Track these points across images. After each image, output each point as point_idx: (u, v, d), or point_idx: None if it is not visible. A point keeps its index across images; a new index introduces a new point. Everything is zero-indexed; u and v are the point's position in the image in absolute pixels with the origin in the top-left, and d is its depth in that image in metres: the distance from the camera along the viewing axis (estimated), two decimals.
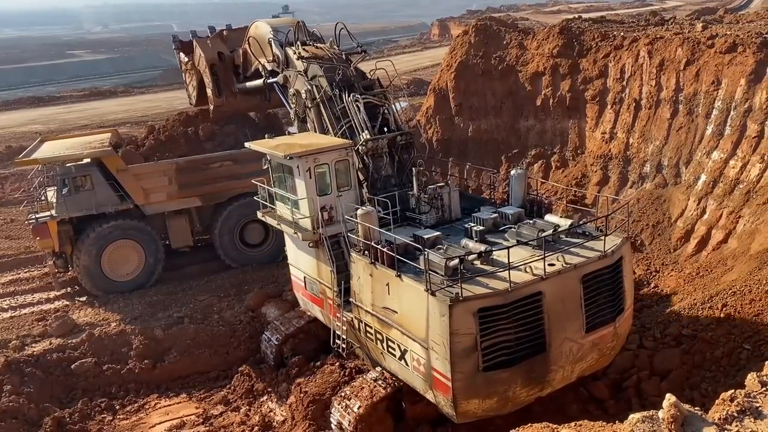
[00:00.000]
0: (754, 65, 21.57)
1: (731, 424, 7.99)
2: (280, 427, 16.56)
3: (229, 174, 25.54)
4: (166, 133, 28.00)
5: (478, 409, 12.98)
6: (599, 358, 14.27)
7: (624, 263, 13.88)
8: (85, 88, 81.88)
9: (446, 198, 16.10)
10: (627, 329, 15.03)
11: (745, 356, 15.68)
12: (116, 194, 24.10)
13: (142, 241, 24.60)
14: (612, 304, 13.84)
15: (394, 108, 17.25)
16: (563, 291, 12.89)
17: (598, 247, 13.59)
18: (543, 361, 12.99)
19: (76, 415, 18.21)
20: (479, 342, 12.13)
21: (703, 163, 22.69)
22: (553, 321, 12.81)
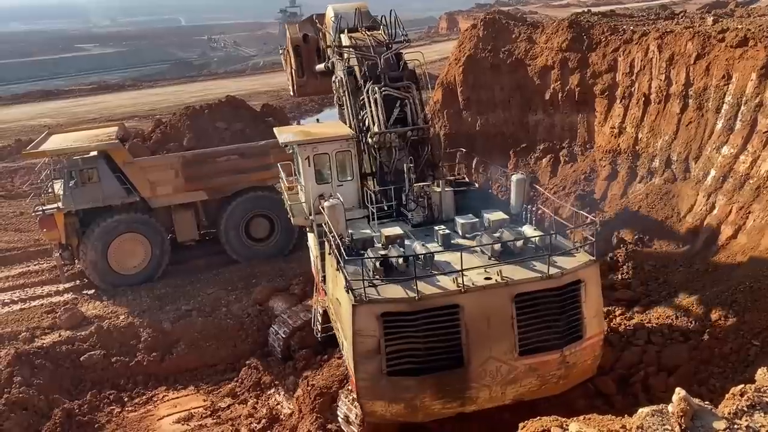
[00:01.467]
0: (766, 59, 21.36)
1: (741, 419, 7.96)
2: (287, 420, 16.62)
3: (235, 168, 25.63)
4: (172, 126, 28.07)
5: (385, 412, 12.52)
6: (543, 385, 12.98)
7: (585, 287, 12.52)
8: (94, 82, 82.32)
9: (435, 197, 15.46)
10: (590, 359, 13.31)
11: (754, 352, 15.62)
12: (123, 187, 24.21)
13: (148, 235, 24.68)
14: (560, 330, 12.57)
15: (415, 101, 16.76)
16: (489, 308, 12.03)
17: (562, 265, 12.60)
18: (460, 377, 12.24)
19: (85, 406, 18.38)
20: (383, 346, 11.81)
21: (713, 159, 22.54)
22: (474, 337, 12.00)
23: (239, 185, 25.82)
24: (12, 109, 63.97)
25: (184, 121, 29.24)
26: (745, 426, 7.77)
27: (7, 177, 41.28)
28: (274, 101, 58.69)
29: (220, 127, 30.67)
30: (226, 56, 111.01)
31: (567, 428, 8.56)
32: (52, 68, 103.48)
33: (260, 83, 70.93)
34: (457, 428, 15.03)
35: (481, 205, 15.65)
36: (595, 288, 12.83)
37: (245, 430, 16.85)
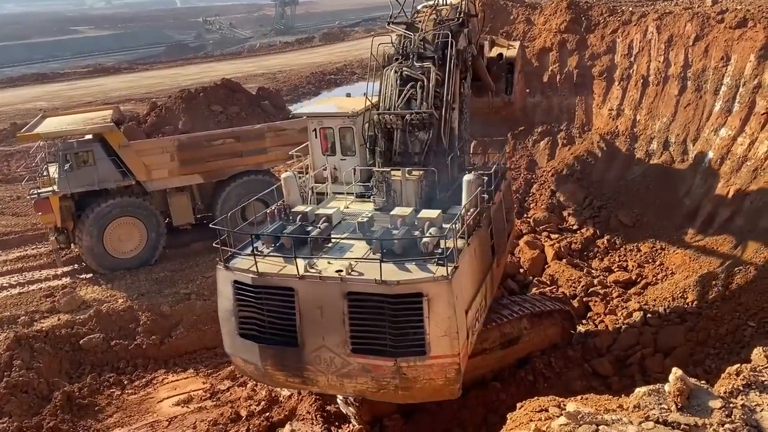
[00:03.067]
0: (765, 41, 21.31)
1: (737, 398, 8.05)
2: (287, 401, 16.74)
3: (231, 151, 25.51)
4: (167, 109, 27.93)
5: (244, 368, 13.36)
6: (380, 390, 12.40)
7: (428, 303, 11.45)
8: (89, 65, 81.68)
9: (396, 185, 15.07)
10: (440, 380, 12.09)
11: (749, 333, 15.75)
12: (118, 170, 24.07)
13: (143, 218, 24.62)
14: (393, 339, 11.77)
15: (428, 84, 16.31)
16: (322, 299, 11.99)
17: (412, 275, 11.78)
18: (297, 356, 12.41)
19: (85, 389, 18.46)
20: (236, 309, 12.80)
21: (711, 141, 22.55)
22: (308, 323, 12.11)
23: (235, 169, 25.73)
24: (7, 93, 63.54)
25: (180, 104, 29.05)
26: (741, 404, 7.86)
27: (3, 161, 41.10)
28: (270, 83, 58.46)
29: (216, 110, 30.49)
30: (221, 38, 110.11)
31: (564, 408, 8.64)
32: (48, 51, 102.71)
33: (256, 65, 70.52)
34: (455, 408, 15.23)
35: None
36: (444, 307, 11.57)
37: (245, 412, 16.94)
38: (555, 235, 23.81)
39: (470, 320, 12.48)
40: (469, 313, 12.37)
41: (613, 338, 17.50)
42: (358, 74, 62.50)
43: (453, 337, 11.64)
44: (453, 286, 11.45)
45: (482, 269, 13.81)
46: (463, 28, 16.96)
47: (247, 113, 29.46)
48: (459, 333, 11.66)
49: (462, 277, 12.05)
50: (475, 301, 12.93)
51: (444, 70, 15.93)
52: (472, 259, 12.91)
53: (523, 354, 16.81)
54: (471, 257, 12.85)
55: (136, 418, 17.56)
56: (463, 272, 12.16)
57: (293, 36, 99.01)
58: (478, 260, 13.46)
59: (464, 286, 12.24)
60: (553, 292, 20.13)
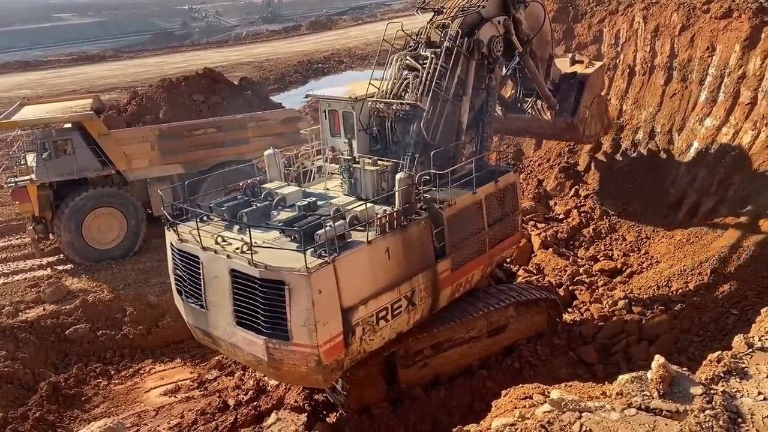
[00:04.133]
0: (749, 31, 21.46)
1: (717, 384, 8.18)
2: (275, 391, 16.77)
3: (212, 141, 25.25)
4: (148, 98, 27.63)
5: (186, 319, 14.38)
6: (259, 365, 13.17)
7: (290, 292, 11.76)
8: (73, 53, 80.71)
9: (358, 174, 15.32)
10: (304, 368, 12.47)
11: (732, 321, 15.96)
12: (98, 159, 23.76)
13: (122, 208, 24.31)
14: (265, 319, 12.25)
15: (423, 74, 16.15)
16: (217, 270, 12.81)
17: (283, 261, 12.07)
18: (205, 318, 13.53)
19: (71, 380, 18.38)
20: (173, 266, 14.21)
21: (696, 130, 22.73)
22: (210, 290, 13.11)
23: (216, 159, 25.51)
24: None
25: (160, 93, 28.69)
26: (722, 391, 7.98)
27: None
28: (257, 72, 58.09)
29: (197, 100, 30.15)
30: (207, 26, 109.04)
31: (548, 395, 8.74)
32: (31, 38, 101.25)
33: (243, 54, 70.00)
34: (442, 394, 15.35)
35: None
36: (303, 299, 11.91)
37: (232, 401, 16.96)
38: (541, 224, 23.95)
39: (363, 316, 12.75)
40: (360, 309, 12.63)
41: (598, 326, 17.67)
42: (345, 63, 62.23)
43: (311, 329, 11.91)
44: (313, 280, 11.68)
45: (405, 269, 13.71)
46: (492, 16, 16.71)
47: (229, 103, 29.19)
48: (320, 326, 11.92)
49: (346, 272, 12.27)
50: (381, 299, 13.11)
51: (450, 60, 15.73)
52: (377, 257, 13.02)
53: (510, 342, 16.93)
54: (375, 254, 12.96)
55: (123, 408, 17.54)
56: (350, 268, 12.37)
57: (280, 24, 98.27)
58: (397, 260, 13.45)
59: (350, 281, 12.42)
60: (539, 280, 20.27)
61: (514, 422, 7.95)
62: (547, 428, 7.65)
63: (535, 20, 18.71)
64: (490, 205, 15.93)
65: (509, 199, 16.63)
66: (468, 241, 15.40)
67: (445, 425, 14.42)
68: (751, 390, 8.13)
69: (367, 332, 13.12)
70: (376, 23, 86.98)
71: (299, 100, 48.02)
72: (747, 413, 7.77)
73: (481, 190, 15.56)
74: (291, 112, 28.56)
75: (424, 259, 14.27)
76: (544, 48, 20.04)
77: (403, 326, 14.14)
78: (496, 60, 16.95)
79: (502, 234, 16.53)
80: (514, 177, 16.83)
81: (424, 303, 14.47)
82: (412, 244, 14.00)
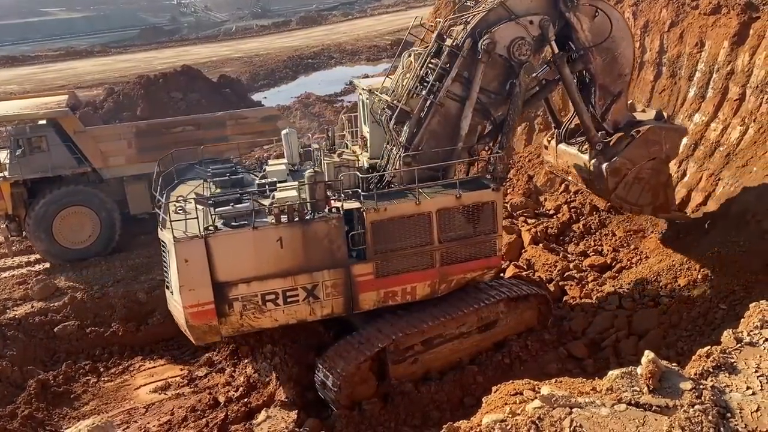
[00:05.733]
0: (738, 27, 21.54)
1: (707, 379, 8.23)
2: (265, 388, 16.74)
3: (191, 139, 24.92)
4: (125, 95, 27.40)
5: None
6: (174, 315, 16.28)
7: (170, 254, 14.45)
8: (61, 48, 79.93)
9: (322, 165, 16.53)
10: (179, 317, 15.08)
11: (721, 316, 16.06)
12: (73, 157, 23.44)
13: (95, 207, 23.84)
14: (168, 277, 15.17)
15: (412, 76, 15.68)
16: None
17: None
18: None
19: (60, 377, 18.27)
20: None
21: (685, 126, 22.80)
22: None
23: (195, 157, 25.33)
24: None
25: (138, 90, 28.54)
26: (711, 386, 8.03)
27: None
28: (247, 67, 57.87)
29: (176, 97, 29.90)
30: (196, 22, 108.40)
31: (539, 391, 8.76)
32: (17, 33, 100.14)
33: (233, 49, 69.65)
34: (433, 390, 15.40)
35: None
36: (173, 264, 14.08)
37: (223, 398, 16.91)
38: (532, 220, 23.98)
39: (245, 293, 14.32)
40: (240, 286, 14.22)
41: (588, 321, 17.73)
42: (336, 59, 62.08)
43: (178, 291, 14.04)
44: (178, 249, 13.68)
45: (304, 262, 14.50)
46: (525, 14, 15.35)
47: (208, 101, 29.04)
48: (185, 290, 13.91)
49: (222, 250, 13.93)
50: (269, 283, 14.36)
51: (453, 60, 15.07)
52: (265, 243, 14.14)
53: (500, 337, 17.00)
54: (263, 241, 14.11)
55: (113, 406, 17.45)
56: (227, 247, 13.99)
57: (270, 19, 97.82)
58: (292, 251, 14.31)
59: (228, 259, 14.01)
60: (529, 276, 20.32)
61: (504, 418, 7.96)
62: (537, 424, 7.67)
63: (600, 35, 16.46)
64: (445, 220, 15.11)
65: (484, 218, 15.39)
66: (405, 252, 15.05)
67: (435, 420, 14.49)
68: (740, 385, 8.19)
69: (250, 309, 14.42)
70: (366, 19, 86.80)
71: (289, 95, 47.90)
72: (736, 408, 7.83)
73: (430, 202, 14.89)
74: (270, 110, 28.37)
75: (332, 258, 14.65)
76: (615, 80, 17.09)
77: (305, 315, 15.00)
78: (520, 64, 15.56)
79: (468, 254, 15.59)
80: (491, 195, 15.28)
81: (334, 300, 14.88)
82: (316, 240, 14.47)
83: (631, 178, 17.42)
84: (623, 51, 16.88)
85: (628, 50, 17.05)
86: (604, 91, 17.13)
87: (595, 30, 16.34)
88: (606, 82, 17.05)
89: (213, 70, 54.66)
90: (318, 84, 52.14)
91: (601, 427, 7.51)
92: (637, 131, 17.20)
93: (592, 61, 16.61)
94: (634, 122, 17.70)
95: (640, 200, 17.97)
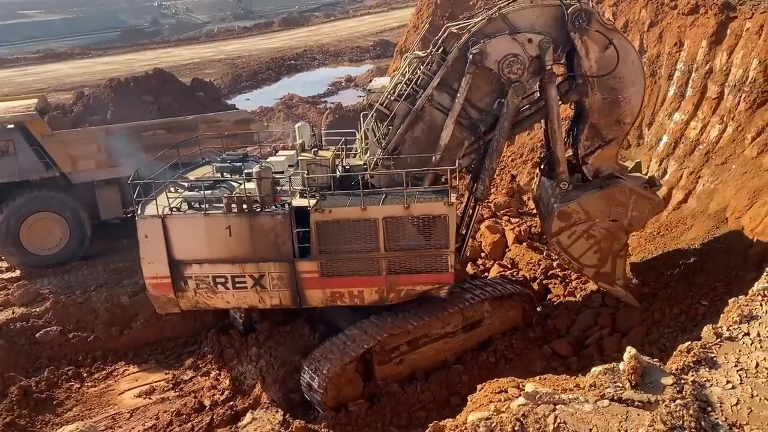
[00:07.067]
0: (715, 27, 21.83)
1: (687, 374, 8.34)
2: (251, 390, 16.69)
3: (162, 143, 24.57)
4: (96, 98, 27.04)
5: None
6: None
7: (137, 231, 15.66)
8: (40, 50, 78.99)
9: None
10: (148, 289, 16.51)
11: (702, 312, 16.24)
12: (41, 161, 23.09)
13: (63, 213, 23.40)
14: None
15: (401, 77, 15.66)
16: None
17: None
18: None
19: (42, 383, 18.04)
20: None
21: (665, 125, 23.07)
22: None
23: (167, 161, 25.02)
24: None
25: (108, 93, 28.17)
26: (692, 381, 8.14)
27: None
28: (229, 69, 57.63)
29: (147, 100, 29.50)
30: (178, 23, 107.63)
31: (523, 388, 8.83)
32: None
33: (215, 51, 69.33)
34: (419, 390, 15.44)
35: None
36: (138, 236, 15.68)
37: (208, 401, 16.83)
38: (515, 219, 24.12)
39: (198, 273, 15.41)
40: (193, 266, 15.31)
41: (572, 319, 17.87)
42: (318, 60, 62.01)
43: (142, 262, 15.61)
44: (139, 225, 15.27)
45: (251, 252, 15.15)
46: (525, 29, 14.52)
47: (180, 104, 28.69)
48: (145, 263, 15.54)
49: (178, 231, 15.09)
50: (219, 267, 15.26)
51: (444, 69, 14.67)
52: (216, 230, 14.99)
53: (485, 336, 17.08)
54: (213, 227, 14.98)
55: (97, 411, 17.28)
56: (182, 229, 15.13)
57: (252, 21, 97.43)
58: (240, 240, 15.03)
59: (182, 240, 15.17)
60: (513, 275, 20.43)
61: (489, 416, 8.01)
62: (522, 421, 7.72)
63: (606, 68, 14.88)
64: (392, 229, 14.71)
65: (436, 232, 14.67)
66: (350, 256, 14.97)
67: (421, 420, 14.51)
68: (719, 379, 8.30)
69: (203, 289, 15.49)
70: (349, 20, 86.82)
71: (272, 97, 47.78)
72: (716, 402, 7.94)
73: (377, 209, 14.62)
74: (243, 114, 28.03)
75: (278, 252, 15.06)
76: (611, 125, 15.40)
77: (254, 302, 15.80)
78: (509, 83, 14.72)
79: (417, 266, 15.01)
80: (442, 209, 14.47)
81: (281, 292, 15.40)
82: (263, 233, 14.96)
83: (580, 230, 15.84)
84: (629, 97, 15.02)
85: (635, 98, 15.10)
86: (594, 132, 15.44)
87: (603, 62, 14.78)
88: (600, 124, 15.37)
89: (195, 72, 54.40)
90: (301, 85, 52.06)
91: (584, 423, 7.58)
92: (607, 183, 15.62)
93: (589, 95, 15.01)
94: (611, 176, 15.85)
95: (583, 259, 16.26)
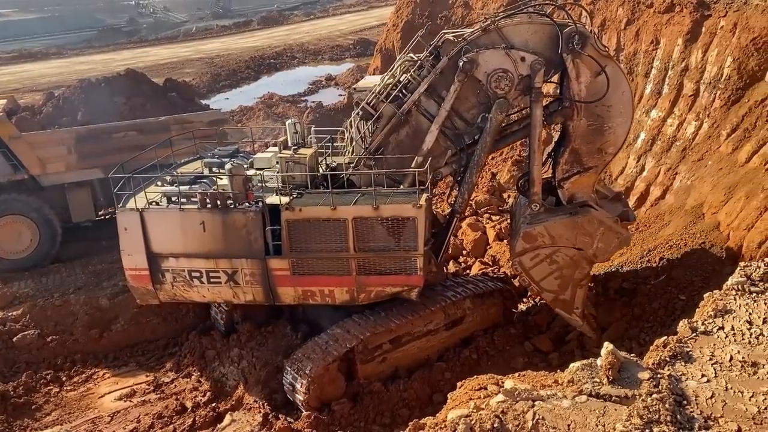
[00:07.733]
0: (691, 25, 22.12)
1: (664, 368, 8.45)
2: (233, 391, 16.62)
3: (134, 145, 24.25)
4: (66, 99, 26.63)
5: None
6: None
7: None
8: (14, 50, 77.66)
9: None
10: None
11: (680, 306, 16.46)
12: (9, 164, 22.71)
13: (32, 216, 23.04)
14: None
15: (389, 80, 15.57)
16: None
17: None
18: None
19: (20, 388, 17.81)
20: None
21: (643, 122, 23.33)
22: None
23: (138, 162, 24.73)
24: None
25: (79, 94, 27.71)
26: (668, 375, 8.26)
27: None
28: (208, 68, 57.13)
29: (119, 101, 29.14)
30: (155, 22, 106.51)
31: (503, 385, 8.89)
32: None
33: (193, 50, 68.71)
34: (402, 388, 15.47)
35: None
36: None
37: (190, 403, 16.73)
38: (496, 216, 24.27)
39: (174, 267, 15.70)
40: (170, 260, 15.63)
41: (552, 316, 18.00)
42: (298, 58, 61.71)
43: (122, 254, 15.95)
44: (119, 217, 15.72)
45: (224, 248, 15.35)
46: (519, 47, 14.21)
47: (153, 105, 28.33)
48: (125, 254, 15.88)
49: (155, 225, 15.43)
50: (195, 262, 15.53)
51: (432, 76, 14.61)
52: (190, 225, 15.24)
53: (467, 334, 17.18)
54: (188, 222, 15.24)
55: (77, 415, 17.10)
56: (158, 223, 15.45)
57: (231, 19, 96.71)
58: (213, 236, 15.25)
59: (159, 233, 15.51)
60: (494, 272, 20.55)
61: (469, 413, 8.06)
62: (501, 418, 7.78)
63: (595, 95, 14.43)
64: (362, 229, 14.69)
65: (405, 234, 14.59)
66: (321, 255, 15.03)
67: (405, 418, 14.55)
68: (695, 373, 8.43)
69: (179, 282, 15.78)
70: (328, 18, 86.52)
71: (252, 96, 47.49)
72: (692, 395, 8.06)
73: (347, 209, 14.62)
74: (217, 114, 27.80)
75: (250, 248, 15.22)
76: (592, 153, 15.04)
77: (228, 297, 16.06)
78: (495, 97, 14.52)
79: (386, 268, 14.97)
80: (411, 211, 14.33)
81: (253, 288, 15.55)
82: (235, 229, 15.14)
83: (544, 253, 15.44)
84: (615, 127, 14.73)
85: (620, 129, 14.82)
86: (574, 157, 15.07)
87: (592, 88, 14.39)
88: (581, 150, 15.01)
89: (173, 71, 53.88)
90: (281, 84, 51.78)
91: (562, 418, 7.66)
92: (577, 211, 15.25)
93: (574, 119, 14.67)
94: (589, 206, 15.41)
95: (544, 283, 15.78)
